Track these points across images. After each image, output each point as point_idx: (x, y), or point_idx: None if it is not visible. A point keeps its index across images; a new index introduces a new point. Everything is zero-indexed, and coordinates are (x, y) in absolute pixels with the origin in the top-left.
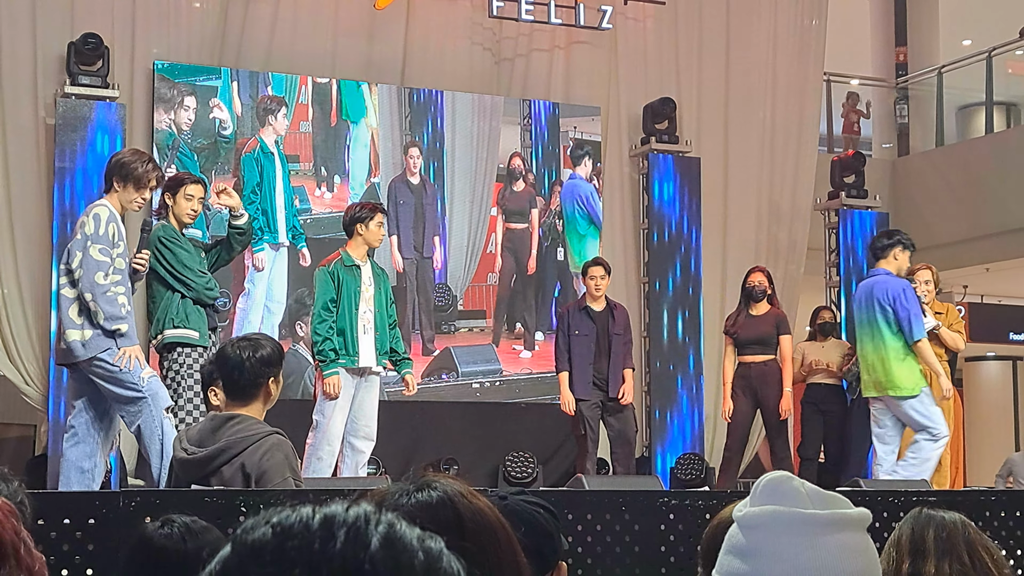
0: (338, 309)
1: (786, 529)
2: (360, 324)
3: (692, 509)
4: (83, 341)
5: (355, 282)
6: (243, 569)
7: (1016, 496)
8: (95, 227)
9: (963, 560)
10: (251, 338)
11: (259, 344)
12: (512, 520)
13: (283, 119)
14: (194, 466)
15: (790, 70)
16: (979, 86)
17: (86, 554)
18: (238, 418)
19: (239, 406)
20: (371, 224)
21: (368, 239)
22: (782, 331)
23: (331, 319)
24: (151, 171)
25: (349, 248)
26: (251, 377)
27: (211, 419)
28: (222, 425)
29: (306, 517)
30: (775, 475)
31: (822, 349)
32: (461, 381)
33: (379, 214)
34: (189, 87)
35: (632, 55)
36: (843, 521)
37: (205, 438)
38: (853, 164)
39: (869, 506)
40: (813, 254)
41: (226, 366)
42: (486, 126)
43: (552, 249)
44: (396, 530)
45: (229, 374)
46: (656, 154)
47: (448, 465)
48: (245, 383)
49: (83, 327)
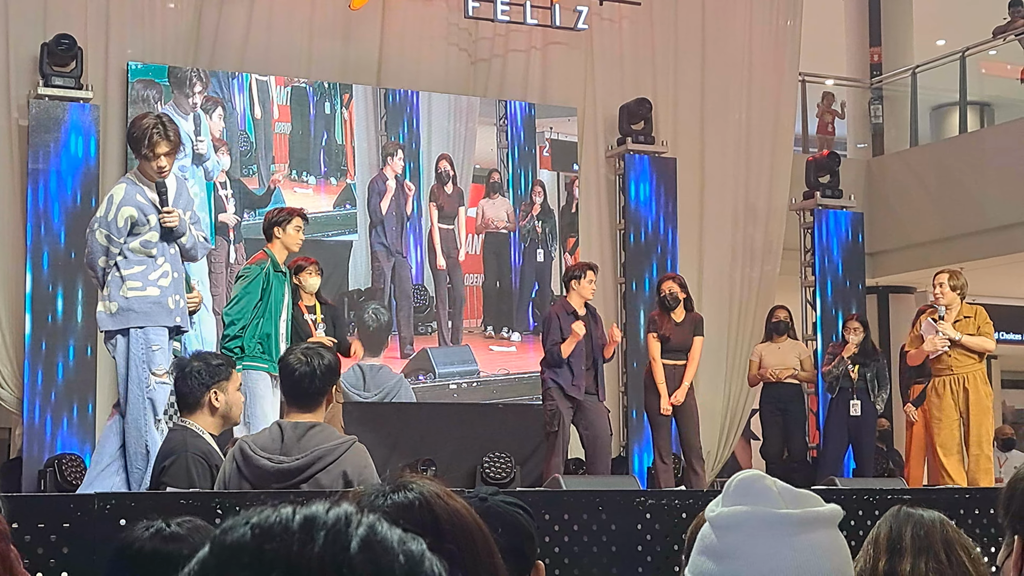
0: (264, 312)
1: (760, 530)
2: (283, 329)
3: (669, 509)
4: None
5: (280, 287)
6: (221, 570)
7: (991, 494)
8: (106, 210)
9: (940, 559)
10: (313, 348)
11: (323, 353)
12: (491, 520)
13: (218, 119)
14: (285, 475)
15: (765, 71)
16: (953, 86)
17: (61, 557)
18: (319, 426)
19: (305, 413)
20: (288, 228)
21: (286, 243)
22: (696, 332)
23: (254, 318)
24: (156, 137)
25: (274, 251)
26: (320, 385)
27: (293, 427)
28: (305, 433)
29: (286, 518)
30: (747, 474)
31: (778, 351)
32: (438, 382)
33: (297, 218)
34: (163, 88)
35: (608, 56)
36: (816, 519)
37: (291, 447)
38: (828, 164)
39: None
40: (788, 254)
41: (293, 376)
42: (462, 127)
43: (531, 250)
44: (377, 532)
45: (297, 383)
46: (632, 155)
47: (426, 466)
48: (314, 391)
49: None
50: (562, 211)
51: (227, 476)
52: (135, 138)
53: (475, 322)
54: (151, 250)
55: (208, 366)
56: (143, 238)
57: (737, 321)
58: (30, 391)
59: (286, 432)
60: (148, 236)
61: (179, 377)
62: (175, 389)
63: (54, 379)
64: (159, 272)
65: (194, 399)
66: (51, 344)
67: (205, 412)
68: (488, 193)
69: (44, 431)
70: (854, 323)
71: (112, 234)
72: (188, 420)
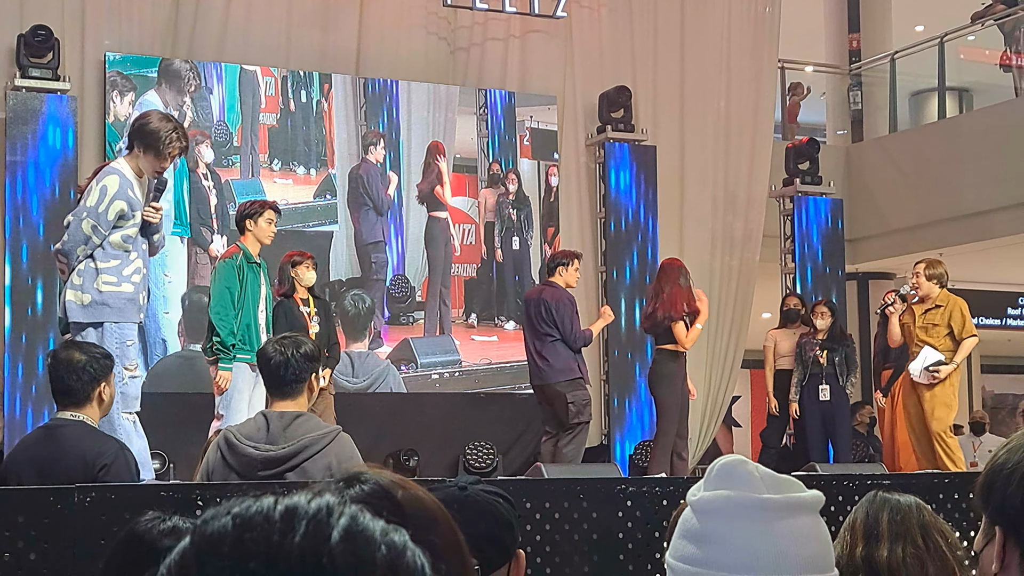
0: (242, 305)
1: (740, 514)
2: (261, 320)
3: (650, 496)
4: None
5: (256, 278)
6: (201, 561)
7: (969, 478)
8: (98, 200)
9: (917, 543)
10: (291, 336)
11: (300, 341)
12: (471, 510)
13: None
14: (272, 463)
15: (745, 58)
16: (932, 72)
17: (41, 552)
18: (304, 415)
19: (288, 402)
20: (260, 220)
21: (258, 235)
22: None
23: (235, 313)
24: (175, 142)
25: (247, 244)
26: (297, 373)
27: (279, 417)
28: (291, 423)
29: (267, 508)
30: (729, 459)
31: (793, 336)
32: (421, 372)
33: (269, 211)
34: (140, 79)
35: (587, 44)
36: (797, 505)
37: (277, 436)
38: (807, 151)
39: (824, 490)
40: (768, 241)
41: (270, 364)
42: (442, 116)
43: (507, 239)
44: (359, 523)
45: (274, 372)
46: (612, 143)
47: (408, 456)
48: (291, 379)
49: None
50: (541, 200)
51: (211, 466)
52: (150, 133)
53: (457, 312)
54: (128, 245)
55: (95, 360)
56: (124, 232)
57: (717, 309)
58: (10, 384)
59: (272, 421)
60: (129, 231)
61: (66, 371)
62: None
63: (34, 372)
64: (132, 268)
65: (84, 394)
66: (31, 337)
67: (94, 405)
68: (490, 184)
69: (25, 424)
70: (822, 307)
71: (100, 225)
72: (80, 414)
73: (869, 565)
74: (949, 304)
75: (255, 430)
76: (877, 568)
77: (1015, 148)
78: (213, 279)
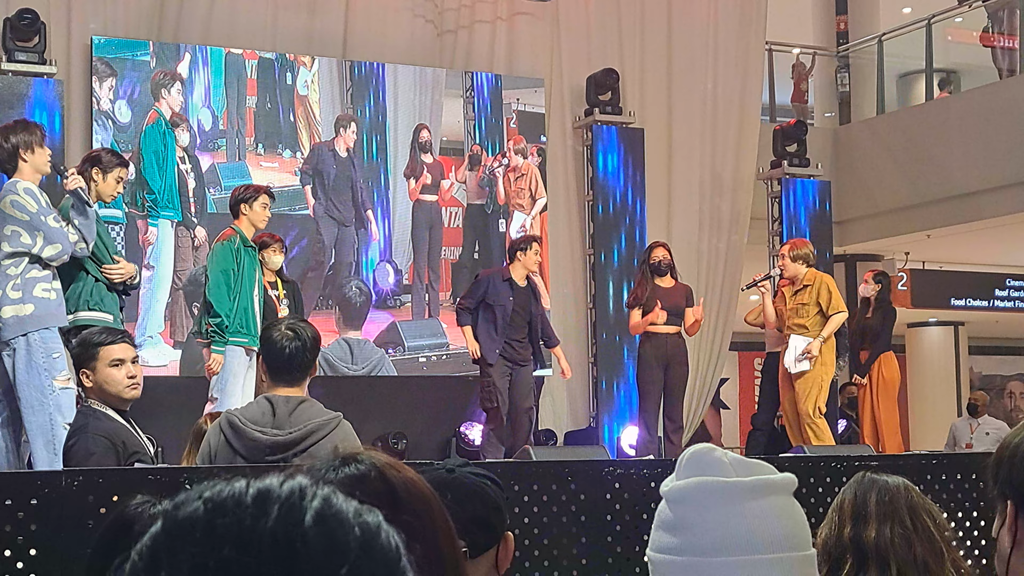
0: (240, 288)
1: (711, 499)
2: (256, 303)
3: (638, 478)
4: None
5: (252, 262)
6: (172, 547)
7: (958, 459)
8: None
9: (905, 524)
10: (302, 322)
11: (310, 327)
12: (459, 492)
13: (177, 95)
14: (280, 448)
15: (732, 39)
16: (919, 53)
17: (28, 535)
18: (308, 401)
19: (292, 388)
20: (255, 205)
21: (253, 219)
22: (690, 303)
23: (233, 296)
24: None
25: (241, 227)
26: (311, 358)
27: (285, 401)
28: (296, 408)
29: (239, 491)
30: (698, 448)
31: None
32: (408, 355)
33: (264, 195)
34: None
35: (574, 26)
36: (767, 486)
37: (283, 421)
38: (795, 133)
39: (813, 472)
40: (756, 223)
41: (283, 353)
42: (428, 99)
43: (493, 220)
44: (332, 505)
45: (290, 359)
46: (600, 125)
47: (397, 439)
48: (306, 365)
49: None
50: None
51: (214, 450)
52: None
53: (444, 295)
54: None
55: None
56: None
57: (705, 291)
58: None
59: (277, 406)
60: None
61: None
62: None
63: None
64: (51, 272)
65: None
66: None
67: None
68: (471, 166)
69: None
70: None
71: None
72: (91, 400)
73: (857, 546)
74: (816, 282)
75: (259, 414)
76: (865, 548)
77: (1003, 129)
78: (210, 261)
